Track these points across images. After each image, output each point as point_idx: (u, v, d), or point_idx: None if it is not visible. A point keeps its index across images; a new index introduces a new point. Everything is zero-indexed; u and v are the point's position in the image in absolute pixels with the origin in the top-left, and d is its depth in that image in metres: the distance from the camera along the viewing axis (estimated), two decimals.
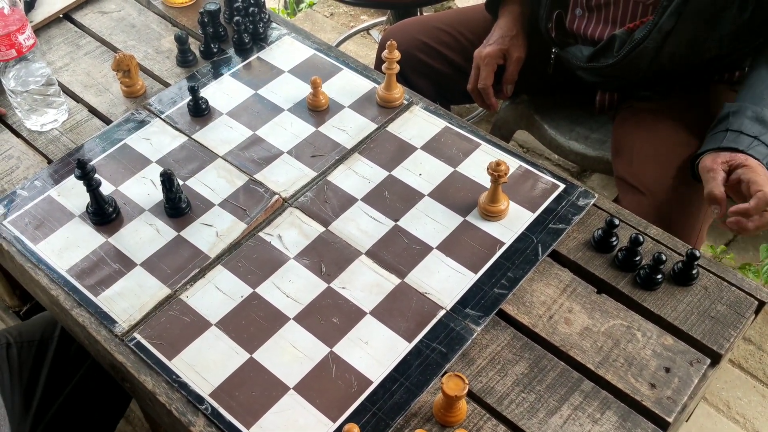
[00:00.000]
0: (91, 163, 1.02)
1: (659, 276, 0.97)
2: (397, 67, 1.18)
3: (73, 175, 1.10)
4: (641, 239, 0.96)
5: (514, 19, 1.44)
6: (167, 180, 1.02)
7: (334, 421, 0.85)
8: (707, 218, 1.28)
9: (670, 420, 0.85)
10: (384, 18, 2.47)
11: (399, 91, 1.21)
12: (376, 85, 1.25)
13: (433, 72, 1.56)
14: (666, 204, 1.24)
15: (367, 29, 2.42)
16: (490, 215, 1.04)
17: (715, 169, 1.10)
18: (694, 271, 0.97)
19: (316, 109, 1.21)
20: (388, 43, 1.16)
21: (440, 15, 1.63)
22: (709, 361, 0.91)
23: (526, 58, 1.46)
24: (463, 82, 1.54)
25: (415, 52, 1.54)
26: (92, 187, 1.02)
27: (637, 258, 0.99)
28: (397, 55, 1.17)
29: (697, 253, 0.95)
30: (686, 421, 1.03)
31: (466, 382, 0.80)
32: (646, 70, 1.27)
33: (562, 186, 1.09)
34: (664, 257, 0.94)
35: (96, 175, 1.02)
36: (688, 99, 1.33)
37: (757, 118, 1.14)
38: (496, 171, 0.99)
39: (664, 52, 1.23)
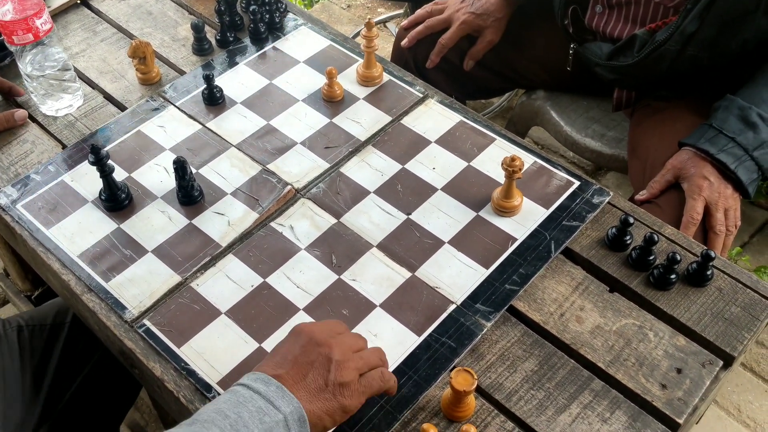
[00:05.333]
0: (105, 149, 1.02)
1: (673, 276, 0.95)
2: (376, 46, 1.19)
3: (86, 161, 1.11)
4: (656, 238, 0.95)
5: (508, 2, 1.45)
6: (180, 168, 1.02)
7: None
8: None
9: (680, 421, 0.84)
10: (401, 11, 2.46)
11: (378, 69, 1.23)
12: (392, 78, 1.25)
13: (450, 66, 1.55)
14: (678, 209, 1.23)
15: (383, 22, 2.42)
16: (504, 211, 1.04)
17: (666, 170, 1.19)
18: (709, 272, 0.96)
19: (331, 100, 1.20)
20: (366, 21, 1.17)
21: None
22: (721, 363, 0.90)
23: (542, 53, 1.44)
24: (481, 77, 1.53)
25: (430, 46, 1.53)
26: (105, 173, 1.02)
27: (651, 257, 0.97)
28: (375, 33, 1.17)
29: (712, 254, 0.94)
30: (696, 423, 1.02)
31: (475, 377, 0.79)
32: (666, 70, 1.26)
33: (576, 183, 1.08)
34: (678, 257, 0.93)
35: (109, 161, 1.02)
36: (706, 100, 1.32)
37: (743, 116, 1.14)
38: (510, 166, 0.98)
39: (685, 54, 1.22)
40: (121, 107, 1.22)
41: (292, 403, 0.71)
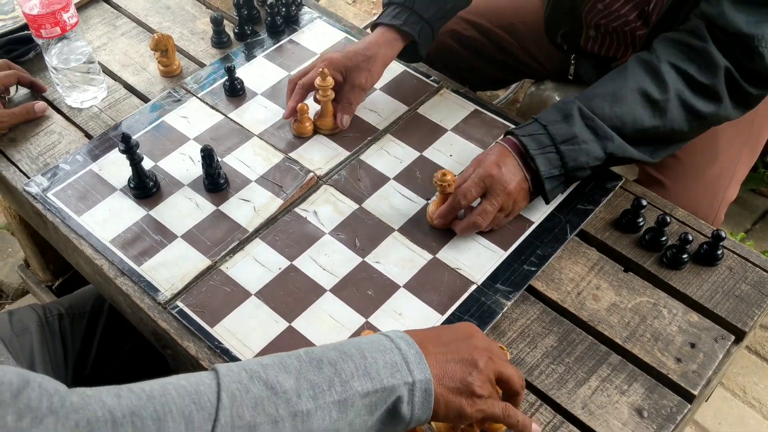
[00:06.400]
0: (135, 138, 1.05)
1: (685, 256, 0.99)
2: (331, 94, 1.14)
3: (113, 150, 1.15)
4: (668, 220, 0.99)
5: (386, 41, 1.19)
6: (208, 156, 1.05)
7: None
8: (723, 202, 1.31)
9: (695, 393, 0.88)
10: None
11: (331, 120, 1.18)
12: (407, 69, 1.28)
13: (455, 57, 1.58)
14: (682, 191, 1.27)
15: None
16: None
17: (469, 165, 1.05)
18: (719, 252, 1.00)
19: (300, 137, 1.18)
20: (320, 70, 1.11)
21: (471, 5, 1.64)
22: (733, 337, 0.94)
23: (544, 56, 1.48)
24: (491, 69, 1.56)
25: (443, 38, 1.56)
26: (135, 161, 1.05)
27: (664, 238, 1.01)
28: (330, 82, 1.12)
29: (723, 234, 0.98)
30: (705, 401, 1.06)
31: (506, 350, 0.82)
32: None
33: None
34: (690, 237, 0.97)
35: (139, 150, 1.05)
36: None
37: (563, 109, 1.03)
38: (442, 181, 0.99)
39: None
40: (144, 99, 1.25)
41: (426, 373, 0.71)
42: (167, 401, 0.61)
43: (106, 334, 1.18)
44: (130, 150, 1.03)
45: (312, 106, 1.18)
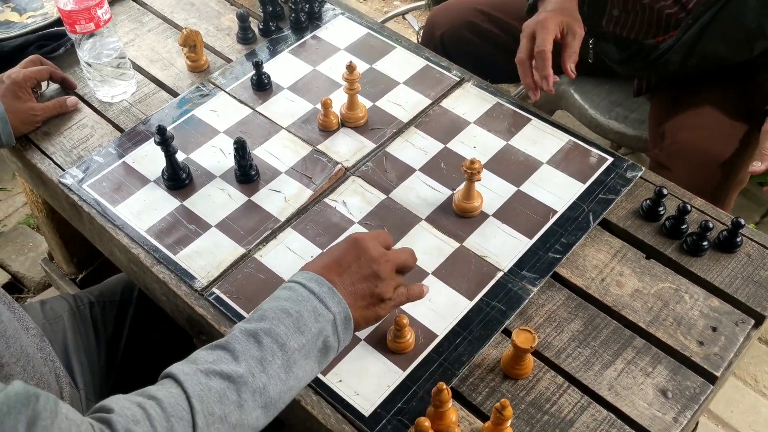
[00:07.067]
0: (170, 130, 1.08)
1: (705, 243, 1.02)
2: (358, 87, 1.17)
3: (145, 143, 1.18)
4: (689, 208, 1.02)
5: None
6: (241, 147, 1.08)
7: (403, 369, 0.91)
8: (734, 186, 1.34)
9: (717, 374, 0.91)
10: (422, 2, 2.50)
11: (362, 110, 1.21)
12: (429, 63, 1.31)
13: (477, 51, 1.61)
14: (689, 177, 1.30)
15: (402, 14, 2.47)
16: (463, 212, 1.08)
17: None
18: (738, 239, 1.03)
19: (326, 130, 1.21)
20: (348, 64, 1.14)
21: None
22: (753, 321, 0.97)
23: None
24: (507, 61, 1.59)
25: (460, 30, 1.59)
26: (170, 153, 1.08)
27: (684, 226, 1.04)
28: (358, 75, 1.15)
29: (742, 222, 1.01)
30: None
31: (535, 335, 0.85)
32: (676, 72, 1.33)
33: (610, 159, 1.15)
34: (711, 225, 1.00)
35: (173, 142, 1.08)
36: (725, 83, 1.38)
37: None
38: (470, 169, 1.02)
39: (689, 63, 1.28)
40: (173, 93, 1.28)
41: (341, 304, 0.82)
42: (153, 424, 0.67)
43: (136, 322, 1.21)
44: (166, 141, 1.06)
45: (336, 99, 1.22)
